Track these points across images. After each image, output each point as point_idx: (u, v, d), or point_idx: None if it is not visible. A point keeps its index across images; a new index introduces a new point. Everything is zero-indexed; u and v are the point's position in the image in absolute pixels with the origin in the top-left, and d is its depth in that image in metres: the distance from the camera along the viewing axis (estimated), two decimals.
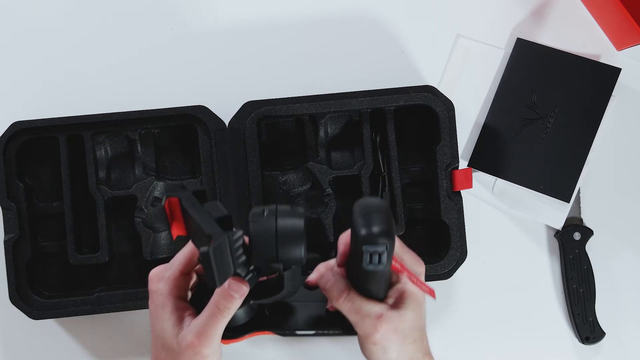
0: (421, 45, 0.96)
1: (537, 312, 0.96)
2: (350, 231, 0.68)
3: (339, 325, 0.72)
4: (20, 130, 0.88)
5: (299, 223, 0.66)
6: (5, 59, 0.95)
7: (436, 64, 0.96)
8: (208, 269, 0.63)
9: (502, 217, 0.96)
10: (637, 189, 0.97)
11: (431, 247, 0.94)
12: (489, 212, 0.96)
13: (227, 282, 0.67)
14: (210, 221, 0.65)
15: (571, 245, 0.95)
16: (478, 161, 0.96)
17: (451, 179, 0.90)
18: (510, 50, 0.96)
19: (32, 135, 0.89)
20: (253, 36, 0.96)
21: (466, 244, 0.90)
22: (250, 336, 0.73)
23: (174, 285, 0.70)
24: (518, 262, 0.96)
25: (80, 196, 0.91)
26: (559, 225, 0.95)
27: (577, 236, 0.95)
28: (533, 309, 0.96)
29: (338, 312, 0.70)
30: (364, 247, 0.63)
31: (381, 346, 0.69)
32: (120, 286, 0.91)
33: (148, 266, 0.89)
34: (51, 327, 0.94)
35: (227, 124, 0.90)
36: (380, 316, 0.68)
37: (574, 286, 0.95)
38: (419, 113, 0.91)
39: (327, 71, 0.96)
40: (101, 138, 0.91)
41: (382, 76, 0.94)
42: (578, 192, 0.96)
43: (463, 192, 0.91)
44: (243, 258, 0.66)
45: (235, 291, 0.67)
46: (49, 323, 0.94)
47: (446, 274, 0.90)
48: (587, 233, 0.95)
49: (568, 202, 0.95)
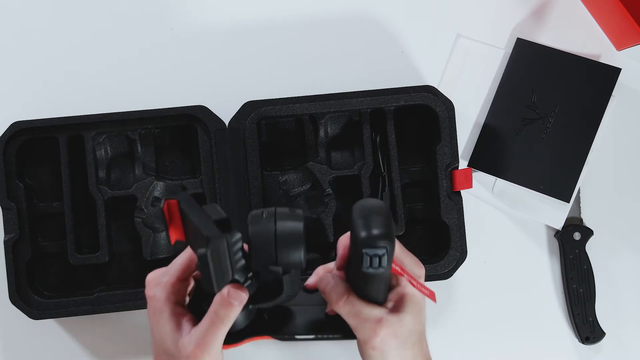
0: (421, 45, 0.96)
1: (537, 312, 0.96)
2: (349, 234, 0.67)
3: (339, 329, 0.72)
4: (20, 130, 0.88)
5: (299, 226, 0.65)
6: (5, 59, 0.95)
7: (436, 64, 0.96)
8: (206, 273, 0.62)
9: (502, 217, 0.96)
10: (637, 189, 0.97)
11: (431, 247, 0.94)
12: (489, 212, 0.96)
13: (226, 290, 0.66)
14: (208, 223, 0.64)
15: (571, 245, 0.95)
16: (478, 161, 0.96)
17: (451, 179, 0.90)
18: (510, 50, 0.96)
19: (32, 135, 0.89)
20: (253, 36, 0.96)
21: (466, 244, 0.90)
22: (249, 341, 0.72)
23: (172, 291, 0.69)
24: (518, 262, 0.96)
25: (80, 196, 0.91)
26: (559, 225, 0.95)
27: (577, 236, 0.95)
28: (533, 309, 0.96)
29: (337, 316, 0.70)
30: (364, 250, 0.63)
31: (380, 351, 0.68)
32: (120, 286, 0.91)
33: (148, 266, 0.90)
34: (51, 327, 0.94)
35: (227, 124, 0.90)
36: (379, 320, 0.68)
37: (574, 286, 0.95)
38: (419, 113, 0.91)
39: (327, 71, 0.96)
40: (101, 138, 0.91)
41: (382, 76, 0.94)
42: (578, 192, 0.96)
43: (463, 192, 0.91)
44: (242, 262, 0.65)
45: (234, 299, 0.66)
46: (49, 323, 0.94)
47: (446, 274, 0.90)
48: (587, 233, 0.95)
49: (568, 202, 0.95)
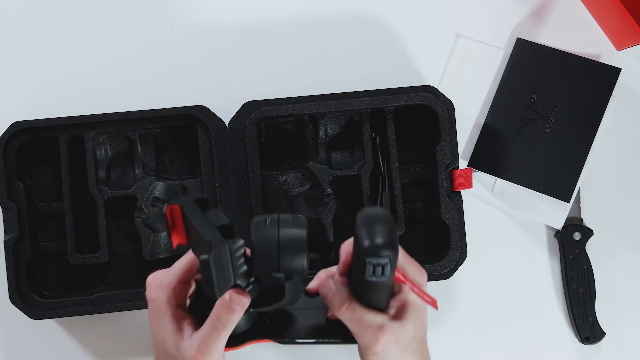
0: (421, 45, 0.96)
1: (537, 312, 0.96)
2: (352, 240, 0.67)
3: (339, 333, 0.71)
4: (20, 130, 0.88)
5: (302, 233, 0.65)
6: (5, 59, 0.95)
7: (436, 64, 0.96)
8: (208, 278, 0.62)
9: (502, 217, 0.96)
10: (637, 189, 0.97)
11: (431, 247, 0.94)
12: (489, 212, 0.96)
13: (228, 295, 0.66)
14: (211, 229, 0.64)
15: (571, 245, 0.95)
16: (478, 161, 0.96)
17: (451, 179, 0.90)
18: (510, 50, 0.96)
19: (32, 135, 0.89)
20: (253, 36, 0.96)
21: (466, 244, 0.90)
22: (250, 344, 0.72)
23: (173, 294, 0.69)
24: (518, 262, 0.96)
25: (80, 196, 0.91)
26: (559, 225, 0.95)
27: (577, 236, 0.95)
28: (533, 309, 0.96)
29: (339, 321, 0.70)
30: (367, 259, 0.62)
31: (382, 357, 0.68)
32: (120, 286, 0.91)
33: (148, 266, 0.90)
34: (51, 327, 0.94)
35: (227, 124, 0.90)
36: (381, 327, 0.67)
37: (574, 286, 0.95)
38: (419, 113, 0.91)
39: (327, 71, 0.96)
40: (101, 138, 0.91)
41: (382, 76, 0.94)
42: (578, 192, 0.96)
43: (463, 192, 0.91)
44: (244, 268, 0.65)
45: (236, 304, 0.66)
46: (49, 323, 0.94)
47: (446, 274, 0.90)
48: (587, 233, 0.95)
49: (568, 202, 0.95)
